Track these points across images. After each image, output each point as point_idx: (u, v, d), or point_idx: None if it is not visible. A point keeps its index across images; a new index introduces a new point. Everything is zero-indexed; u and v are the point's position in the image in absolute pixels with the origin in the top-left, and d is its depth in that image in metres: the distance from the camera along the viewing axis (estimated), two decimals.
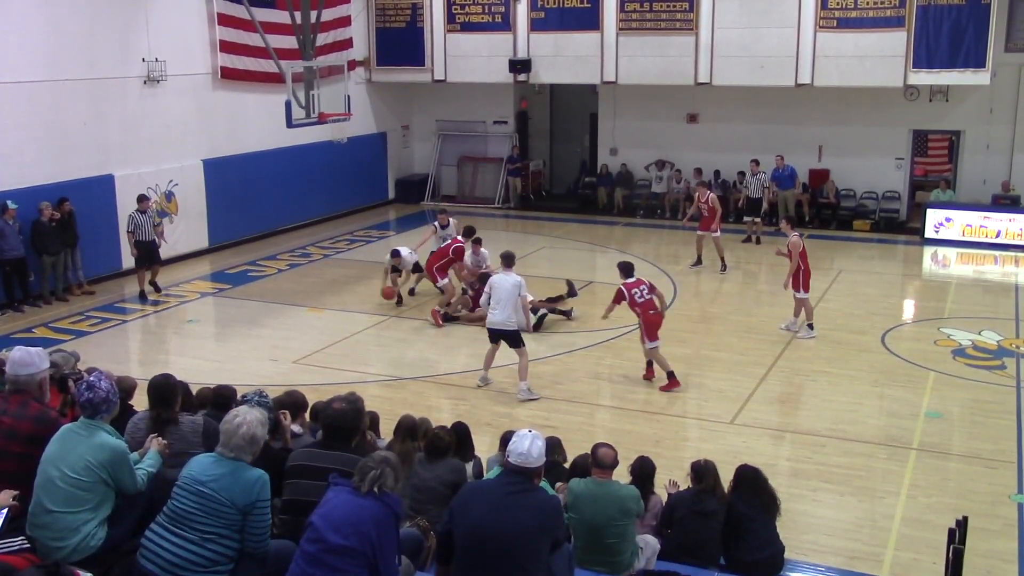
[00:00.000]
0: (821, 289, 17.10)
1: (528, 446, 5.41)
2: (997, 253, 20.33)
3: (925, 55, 20.44)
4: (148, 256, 16.50)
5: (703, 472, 7.23)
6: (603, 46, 22.72)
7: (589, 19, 22.79)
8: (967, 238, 20.96)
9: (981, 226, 20.97)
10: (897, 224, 22.71)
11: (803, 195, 23.06)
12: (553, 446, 7.40)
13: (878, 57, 20.75)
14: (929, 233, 21.33)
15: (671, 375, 12.34)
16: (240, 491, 5.07)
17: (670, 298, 16.68)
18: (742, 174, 23.34)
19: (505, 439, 7.29)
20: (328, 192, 23.60)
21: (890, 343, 14.23)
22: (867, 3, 20.76)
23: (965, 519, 8.03)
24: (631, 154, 25.01)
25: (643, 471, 7.37)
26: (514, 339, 12.16)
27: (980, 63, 20.13)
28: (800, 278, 14.40)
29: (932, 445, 10.72)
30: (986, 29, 19.96)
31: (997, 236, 20.72)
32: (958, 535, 7.32)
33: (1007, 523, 8.92)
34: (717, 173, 23.97)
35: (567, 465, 7.76)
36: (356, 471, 4.99)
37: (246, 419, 5.19)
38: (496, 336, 12.28)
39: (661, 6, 22.27)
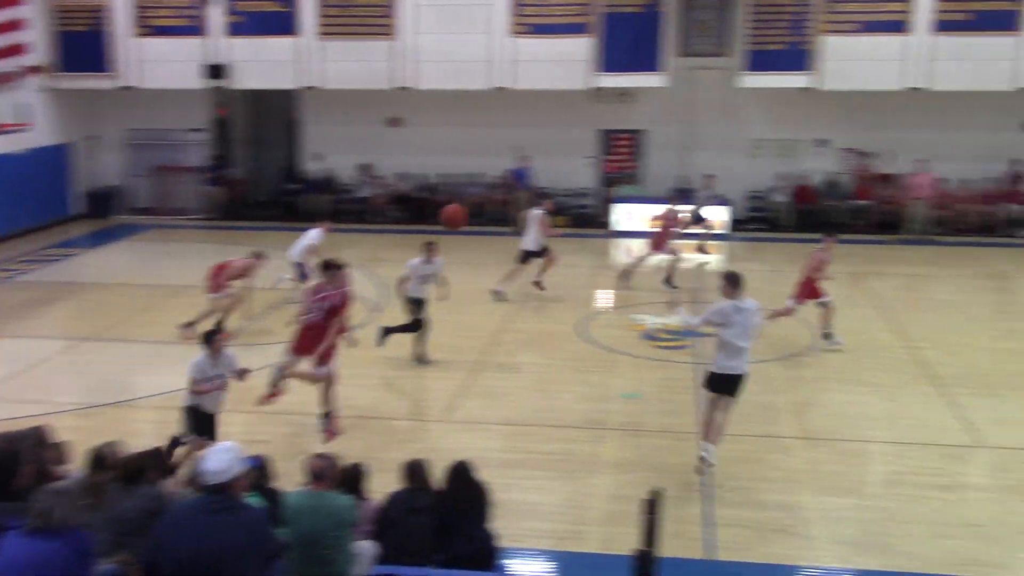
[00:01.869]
0: (522, 283, 17.79)
1: (212, 460, 5.28)
2: (680, 242, 21.95)
3: (609, 59, 21.82)
4: None
5: (414, 470, 7.36)
6: (302, 50, 22.49)
7: (286, 24, 22.49)
8: (653, 229, 22.47)
9: None
10: (590, 219, 24.08)
11: (507, 195, 23.93)
12: (259, 466, 7.19)
13: (568, 61, 21.91)
14: (618, 226, 22.79)
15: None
16: None
17: (380, 303, 16.81)
18: (447, 175, 23.91)
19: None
20: (3, 209, 21.70)
21: (587, 331, 15.06)
22: (557, 11, 21.88)
23: (659, 491, 8.65)
24: (336, 159, 24.90)
25: (351, 477, 7.38)
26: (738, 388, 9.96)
27: (658, 67, 21.76)
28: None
29: (629, 424, 11.46)
30: (663, 35, 21.61)
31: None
32: (653, 506, 7.87)
33: (694, 490, 9.70)
34: (423, 177, 24.34)
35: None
36: (28, 511, 4.67)
37: None
38: (725, 385, 9.81)
39: (361, 11, 22.38)
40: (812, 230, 22.47)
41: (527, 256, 17.29)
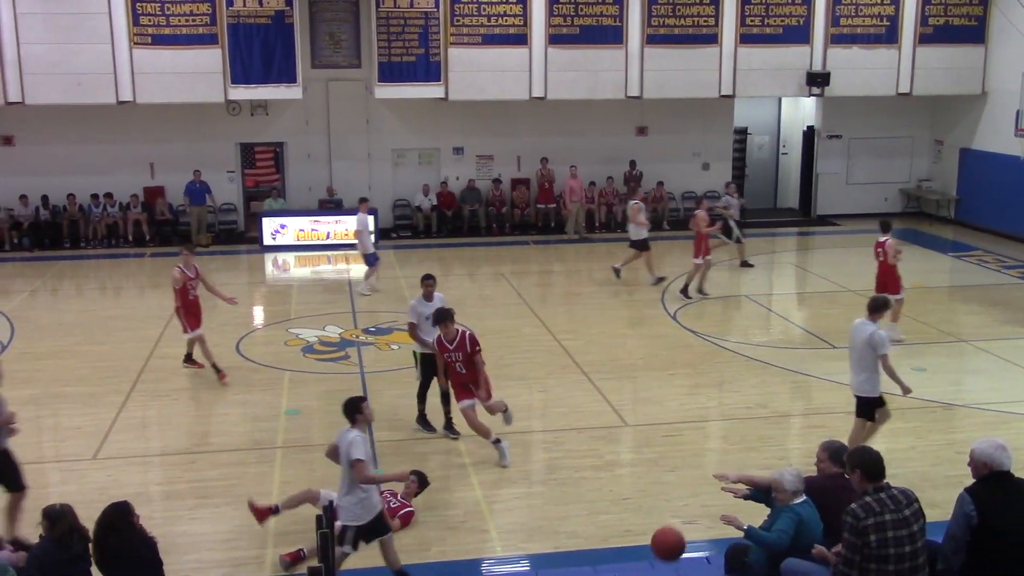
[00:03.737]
0: (170, 307, 16.94)
1: None
2: (329, 253, 22.04)
3: (242, 71, 21.32)
4: None
5: (57, 517, 6.73)
6: None
7: None
8: (302, 242, 22.41)
9: (313, 229, 22.57)
10: (237, 235, 23.45)
11: (142, 214, 22.73)
12: None
13: (197, 73, 21.14)
14: (268, 241, 22.38)
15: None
16: None
17: (7, 337, 15.38)
18: (72, 196, 22.24)
19: None
20: None
21: (245, 350, 14.67)
22: (179, 20, 21.00)
23: (331, 503, 8.62)
24: None
25: None
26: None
27: (292, 78, 21.58)
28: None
29: (295, 441, 11.31)
30: (293, 47, 21.44)
31: (327, 237, 22.46)
32: (325, 520, 7.84)
33: None
34: (45, 199, 22.42)
35: None
36: None
37: None
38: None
39: None
40: (454, 234, 23.54)
41: (643, 245, 18.51)
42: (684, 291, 17.56)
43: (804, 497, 6.94)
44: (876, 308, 10.19)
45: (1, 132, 22.49)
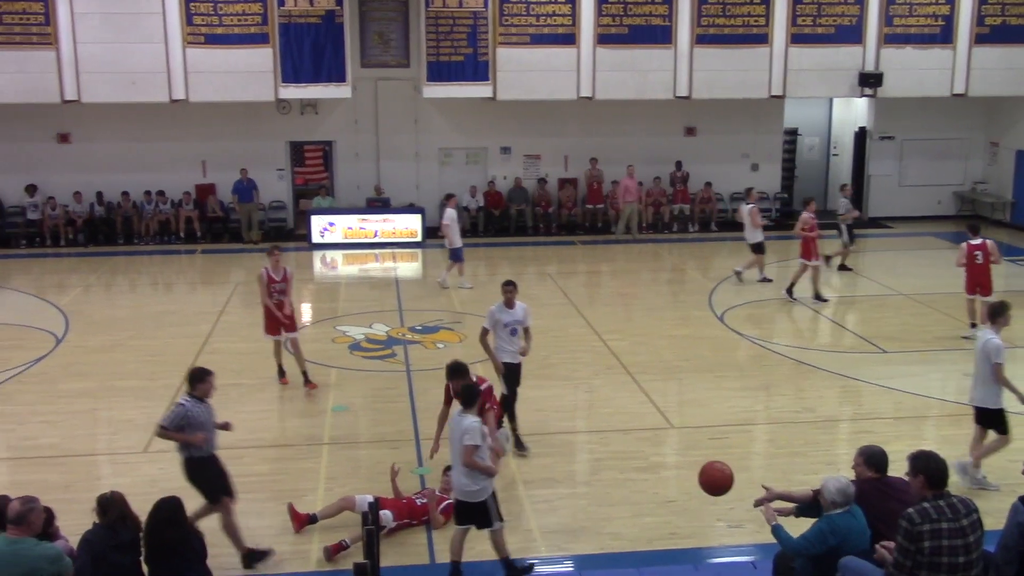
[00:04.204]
0: (220, 303, 17.20)
1: None
2: (377, 251, 22.17)
3: (292, 70, 21.51)
4: None
5: (108, 504, 6.89)
6: None
7: None
8: (350, 240, 22.56)
9: (360, 228, 22.71)
10: (286, 232, 23.68)
11: (193, 211, 23.04)
12: None
13: (249, 73, 21.37)
14: (316, 238, 22.57)
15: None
16: None
17: (62, 332, 15.66)
18: (125, 193, 22.58)
19: None
20: None
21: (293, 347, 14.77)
22: (232, 20, 21.25)
23: (377, 500, 8.69)
24: (1, 180, 22.86)
25: None
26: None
27: (341, 78, 21.74)
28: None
29: (342, 437, 11.39)
30: (343, 46, 21.60)
31: (375, 236, 22.59)
32: (371, 517, 7.90)
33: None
34: (100, 195, 22.81)
35: None
36: None
37: None
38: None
39: (14, 18, 20.71)
40: (501, 234, 23.58)
41: (759, 247, 18.52)
42: (789, 291, 17.47)
43: (847, 507, 6.75)
44: (993, 314, 9.88)
45: (58, 130, 22.92)
